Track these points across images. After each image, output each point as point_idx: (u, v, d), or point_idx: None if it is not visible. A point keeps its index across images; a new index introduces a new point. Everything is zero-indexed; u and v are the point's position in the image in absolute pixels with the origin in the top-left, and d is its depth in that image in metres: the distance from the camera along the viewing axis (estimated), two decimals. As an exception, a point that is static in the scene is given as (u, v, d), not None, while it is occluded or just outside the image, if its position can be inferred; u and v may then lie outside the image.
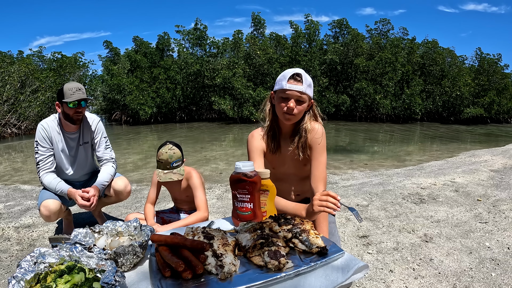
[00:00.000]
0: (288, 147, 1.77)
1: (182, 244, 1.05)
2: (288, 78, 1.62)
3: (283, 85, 1.62)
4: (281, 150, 1.79)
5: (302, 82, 1.62)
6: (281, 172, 1.84)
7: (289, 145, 1.77)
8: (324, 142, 1.73)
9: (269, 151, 1.78)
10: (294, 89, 1.60)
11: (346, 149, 9.86)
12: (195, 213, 2.29)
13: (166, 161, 2.26)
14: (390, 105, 21.49)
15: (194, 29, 23.39)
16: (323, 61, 22.70)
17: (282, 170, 1.83)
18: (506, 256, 2.56)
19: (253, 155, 1.76)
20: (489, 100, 22.35)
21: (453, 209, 3.63)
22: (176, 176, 2.27)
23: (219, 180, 5.75)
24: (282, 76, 1.66)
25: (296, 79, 1.62)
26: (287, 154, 1.78)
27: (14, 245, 2.91)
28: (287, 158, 1.80)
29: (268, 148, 1.78)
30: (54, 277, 0.89)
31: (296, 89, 1.60)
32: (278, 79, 1.68)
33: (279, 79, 1.67)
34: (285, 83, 1.62)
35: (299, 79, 1.62)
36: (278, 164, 1.82)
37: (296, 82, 1.62)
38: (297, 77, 1.62)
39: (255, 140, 1.78)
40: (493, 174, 5.23)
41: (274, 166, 1.82)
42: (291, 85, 1.61)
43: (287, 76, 1.63)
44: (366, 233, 3.02)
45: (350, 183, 5.15)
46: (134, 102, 21.19)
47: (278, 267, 1.01)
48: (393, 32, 24.68)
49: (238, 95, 20.71)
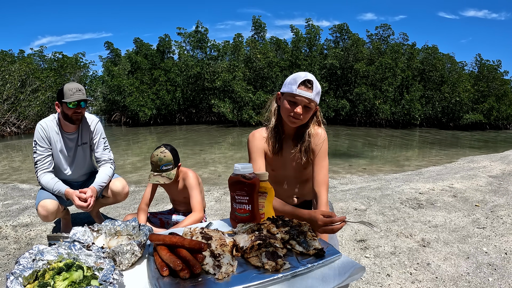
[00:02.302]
0: (290, 149, 1.75)
1: (180, 244, 1.06)
2: (299, 84, 1.59)
3: (293, 89, 1.60)
4: (283, 152, 1.77)
5: (312, 89, 1.60)
6: (281, 175, 1.82)
7: (291, 147, 1.76)
8: (326, 146, 1.74)
9: (271, 152, 1.76)
10: (304, 95, 1.59)
11: (345, 154, 9.88)
12: (189, 216, 2.30)
13: (156, 163, 2.28)
14: (389, 110, 21.54)
15: (195, 32, 23.48)
16: (323, 66, 22.77)
17: (281, 172, 1.82)
18: (503, 261, 2.56)
19: (254, 156, 1.73)
20: (488, 106, 22.44)
21: (451, 214, 3.64)
22: (163, 180, 2.28)
23: (217, 182, 5.75)
24: (293, 79, 1.62)
25: (307, 86, 1.60)
26: (288, 156, 1.77)
27: (11, 243, 2.90)
28: (288, 160, 1.78)
29: (270, 149, 1.76)
30: (52, 274, 0.90)
31: (306, 95, 1.59)
32: (288, 82, 1.64)
33: (290, 82, 1.63)
34: (296, 88, 1.59)
35: (310, 86, 1.60)
36: (278, 166, 1.80)
37: (306, 89, 1.59)
38: (308, 84, 1.60)
39: (256, 140, 1.76)
40: (492, 180, 5.24)
41: (273, 168, 1.80)
42: (302, 91, 1.59)
43: (298, 81, 1.59)
44: (364, 237, 3.03)
45: (348, 187, 5.15)
46: (134, 103, 21.22)
47: (275, 268, 1.02)
48: (394, 38, 24.85)
49: (238, 98, 20.75)
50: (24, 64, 18.20)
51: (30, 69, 18.43)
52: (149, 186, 2.49)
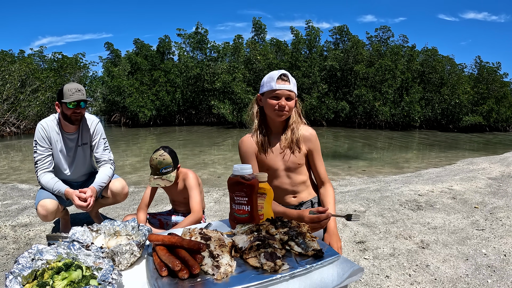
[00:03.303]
0: (281, 143, 1.83)
1: (179, 244, 1.06)
2: (276, 79, 1.73)
3: (273, 86, 1.73)
4: (273, 149, 1.84)
5: (289, 81, 1.74)
6: (275, 173, 1.85)
7: (281, 142, 1.84)
8: (319, 143, 1.89)
9: (261, 151, 1.83)
10: (283, 88, 1.72)
11: (345, 155, 9.88)
12: (188, 217, 2.31)
13: (156, 167, 2.28)
14: (389, 112, 21.54)
15: (195, 33, 23.48)
16: (323, 67, 22.77)
17: (275, 169, 1.84)
18: (502, 263, 2.56)
19: (246, 160, 1.83)
20: (488, 108, 22.43)
21: (450, 216, 3.64)
22: (163, 183, 2.29)
23: (217, 184, 5.76)
24: (270, 77, 1.76)
25: (283, 79, 1.74)
26: (279, 152, 1.83)
27: (10, 243, 2.90)
28: (279, 156, 1.83)
29: (260, 147, 1.83)
30: (51, 274, 0.90)
31: (285, 88, 1.73)
32: (266, 81, 1.78)
33: (267, 81, 1.77)
34: (274, 84, 1.72)
35: (286, 79, 1.74)
36: (271, 163, 1.84)
37: (283, 82, 1.73)
38: (284, 77, 1.74)
39: (245, 144, 1.85)
40: (491, 182, 5.24)
41: (268, 167, 1.84)
42: (280, 85, 1.72)
43: (274, 77, 1.73)
44: (363, 239, 3.03)
45: (347, 189, 5.15)
46: (134, 104, 21.21)
47: (274, 268, 1.02)
48: (393, 40, 24.84)
49: (238, 100, 20.75)
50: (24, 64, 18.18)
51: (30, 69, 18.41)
52: (148, 187, 2.49)
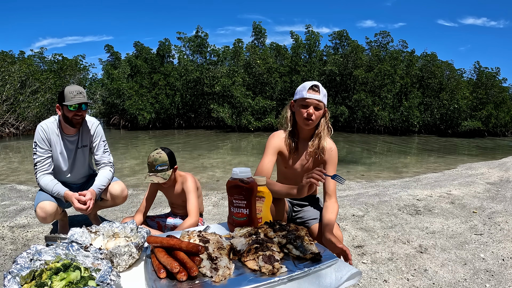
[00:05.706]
0: (306, 149, 2.00)
1: (177, 247, 1.06)
2: (307, 89, 1.89)
3: (304, 94, 1.89)
4: (298, 153, 2.02)
5: (319, 92, 1.90)
6: (292, 172, 2.05)
7: (306, 148, 2.00)
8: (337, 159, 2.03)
9: (288, 151, 2.01)
10: (313, 97, 1.88)
11: (343, 160, 9.88)
12: (185, 221, 2.32)
13: (151, 163, 2.33)
14: (388, 117, 21.59)
15: (195, 37, 23.56)
16: (323, 72, 22.84)
17: (293, 170, 2.04)
18: (500, 267, 2.56)
19: (268, 151, 1.97)
20: (486, 113, 22.51)
21: (449, 220, 3.64)
22: (157, 179, 2.32)
23: (215, 187, 5.75)
24: (302, 87, 1.92)
25: (314, 90, 1.89)
26: (302, 157, 2.02)
27: (8, 244, 2.89)
28: (301, 160, 2.02)
29: (287, 148, 2.01)
30: (49, 274, 0.90)
31: (315, 97, 1.88)
32: (299, 89, 1.94)
33: (300, 90, 1.93)
34: (305, 93, 1.88)
35: (317, 89, 1.90)
36: (291, 164, 2.04)
37: (314, 92, 1.89)
38: (315, 88, 1.90)
39: (274, 139, 2.01)
40: (489, 187, 5.25)
41: (286, 166, 2.04)
42: (310, 94, 1.88)
43: (306, 87, 1.90)
44: (361, 243, 3.03)
45: (346, 193, 5.16)
46: (133, 107, 21.22)
47: (272, 271, 1.02)
48: (393, 45, 24.99)
49: (237, 104, 20.78)
50: (24, 65, 18.20)
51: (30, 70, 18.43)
52: (148, 190, 2.50)
